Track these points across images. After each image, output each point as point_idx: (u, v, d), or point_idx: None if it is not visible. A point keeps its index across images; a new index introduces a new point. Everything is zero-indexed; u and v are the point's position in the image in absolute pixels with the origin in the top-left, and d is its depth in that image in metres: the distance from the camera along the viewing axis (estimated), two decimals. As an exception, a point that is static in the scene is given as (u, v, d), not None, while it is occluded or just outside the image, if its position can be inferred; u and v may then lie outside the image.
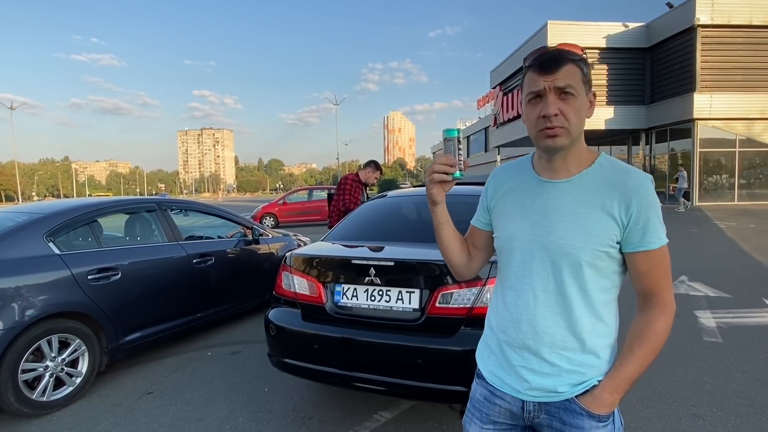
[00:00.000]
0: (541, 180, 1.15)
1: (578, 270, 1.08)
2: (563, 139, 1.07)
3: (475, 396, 1.28)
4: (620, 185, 1.07)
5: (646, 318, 1.10)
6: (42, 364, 3.09)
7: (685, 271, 6.86)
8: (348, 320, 2.54)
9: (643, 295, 1.12)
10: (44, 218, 3.39)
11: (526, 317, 1.14)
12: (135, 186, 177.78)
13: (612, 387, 1.09)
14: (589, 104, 1.10)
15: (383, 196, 3.81)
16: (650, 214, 1.06)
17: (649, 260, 1.08)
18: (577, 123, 1.07)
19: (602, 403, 1.09)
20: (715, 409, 2.90)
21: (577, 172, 1.11)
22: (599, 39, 21.81)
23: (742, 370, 3.46)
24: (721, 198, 20.18)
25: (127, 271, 3.61)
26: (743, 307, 5.02)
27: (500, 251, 1.22)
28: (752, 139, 19.92)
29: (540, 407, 1.15)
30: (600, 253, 1.07)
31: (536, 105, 1.07)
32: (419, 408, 2.98)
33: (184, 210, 4.98)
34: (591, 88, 1.10)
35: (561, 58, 1.05)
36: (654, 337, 1.08)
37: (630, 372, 1.08)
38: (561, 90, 1.04)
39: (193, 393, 3.34)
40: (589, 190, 1.09)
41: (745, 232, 11.01)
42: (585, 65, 1.08)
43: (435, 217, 1.22)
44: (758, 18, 19.11)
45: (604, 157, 1.14)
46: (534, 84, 1.07)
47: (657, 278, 1.09)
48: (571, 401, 1.12)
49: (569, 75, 1.05)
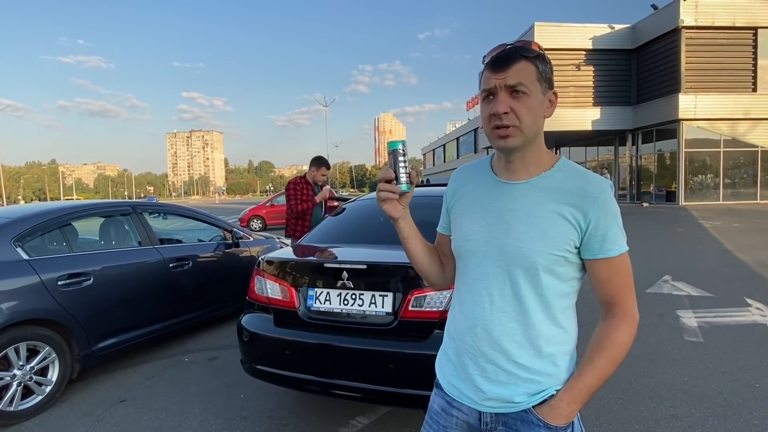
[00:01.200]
0: (499, 181, 1.12)
1: (535, 274, 1.05)
2: (515, 139, 1.03)
3: (432, 407, 1.23)
4: (579, 190, 1.04)
5: (608, 327, 1.06)
6: (9, 373, 3.00)
7: (668, 270, 6.90)
8: (321, 325, 2.48)
9: (605, 304, 1.09)
10: (12, 223, 3.29)
11: (482, 323, 1.10)
12: (123, 189, 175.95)
13: (570, 397, 1.05)
14: (549, 103, 1.07)
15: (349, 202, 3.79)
16: (609, 221, 1.03)
17: (610, 268, 1.04)
18: (531, 122, 1.03)
19: (560, 413, 1.05)
20: (693, 410, 2.89)
21: (537, 174, 1.08)
22: (586, 41, 22.01)
23: (722, 370, 3.46)
24: (706, 197, 20.42)
25: (100, 277, 3.53)
26: (725, 307, 5.04)
27: (457, 254, 1.18)
28: (736, 139, 20.20)
29: (497, 418, 1.11)
30: (557, 257, 1.04)
31: (489, 103, 1.04)
32: (396, 413, 2.94)
33: (161, 213, 4.90)
34: (551, 87, 1.07)
35: (513, 55, 1.01)
36: (615, 348, 1.04)
37: (589, 382, 1.04)
38: (512, 88, 1.01)
39: (167, 400, 3.26)
40: (548, 193, 1.06)
41: (729, 232, 11.12)
42: (542, 62, 1.04)
43: (399, 232, 1.17)
44: (741, 19, 19.41)
45: (564, 160, 1.11)
46: (487, 82, 1.04)
47: (618, 286, 1.06)
48: (528, 412, 1.08)
49: (521, 72, 1.01)
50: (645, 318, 4.70)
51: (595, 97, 22.35)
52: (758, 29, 19.44)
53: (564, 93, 22.16)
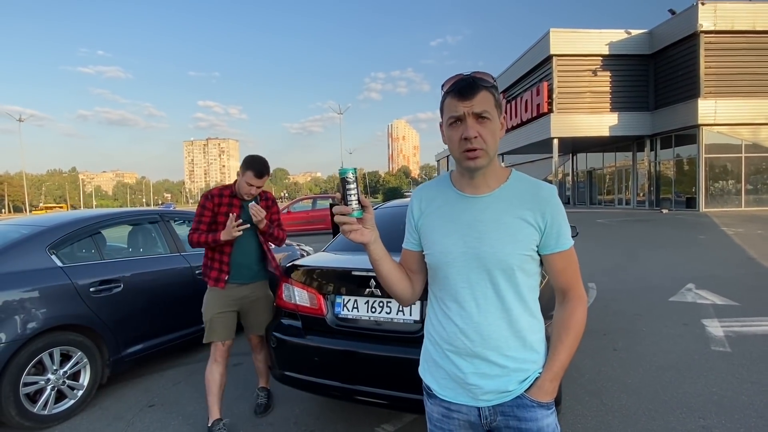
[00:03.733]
0: (464, 196, 1.25)
1: (511, 274, 1.20)
2: (483, 160, 1.17)
3: (432, 416, 1.33)
4: (534, 196, 1.21)
5: (568, 310, 1.25)
6: (43, 377, 3.09)
7: (691, 278, 6.78)
8: (349, 332, 2.52)
9: (561, 291, 1.27)
10: (47, 231, 3.40)
11: (472, 325, 1.22)
12: (141, 196, 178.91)
13: (551, 376, 1.22)
14: (502, 125, 1.22)
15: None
16: (560, 219, 1.21)
17: (564, 259, 1.23)
18: (493, 144, 1.18)
19: (546, 391, 1.22)
20: (724, 421, 2.85)
21: (496, 186, 1.24)
22: (602, 46, 21.85)
23: (751, 381, 3.40)
24: (727, 204, 20.02)
25: (130, 283, 3.61)
26: (752, 316, 4.94)
27: (435, 267, 1.27)
28: (758, 144, 19.81)
29: (495, 410, 1.24)
30: (526, 256, 1.20)
31: (457, 128, 1.17)
32: (421, 421, 2.93)
33: (186, 221, 5.00)
34: (502, 112, 1.22)
35: (477, 85, 1.15)
36: (577, 326, 1.23)
37: (563, 359, 1.22)
38: (478, 115, 1.15)
39: (194, 406, 3.32)
40: (510, 202, 1.21)
41: (752, 239, 10.89)
42: (496, 91, 1.19)
43: (369, 255, 1.23)
44: (761, 23, 19.10)
45: (515, 172, 1.28)
46: (454, 109, 1.16)
47: (571, 274, 1.25)
48: (521, 397, 1.23)
49: (484, 101, 1.15)
50: (669, 327, 4.63)
51: (612, 102, 22.13)
52: (779, 33, 19.11)
53: (580, 98, 22.02)
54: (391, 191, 72.05)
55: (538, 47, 23.20)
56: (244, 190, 2.87)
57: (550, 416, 1.23)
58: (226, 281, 2.87)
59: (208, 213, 2.86)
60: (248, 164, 2.85)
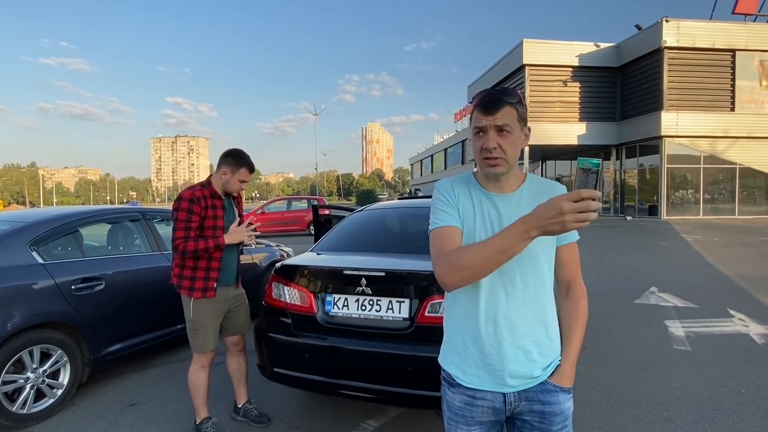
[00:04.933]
0: (491, 195, 1.35)
1: (538, 265, 1.30)
2: (501, 168, 1.29)
3: (453, 404, 1.37)
4: (551, 192, 1.32)
5: (573, 301, 1.38)
6: (23, 376, 3.03)
7: (655, 282, 7.14)
8: (339, 330, 2.59)
9: (566, 282, 1.40)
10: (28, 227, 3.34)
11: (502, 313, 1.29)
12: (105, 193, 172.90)
13: (570, 362, 1.35)
14: (524, 137, 1.32)
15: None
16: None
17: (571, 251, 1.37)
18: (513, 153, 1.29)
19: (567, 377, 1.34)
20: (685, 414, 3.06)
21: (517, 186, 1.36)
22: (572, 57, 22.56)
23: (710, 377, 3.66)
24: (687, 212, 20.99)
25: (111, 281, 3.58)
26: (710, 317, 5.27)
27: None
28: (715, 156, 20.86)
29: (520, 396, 1.32)
30: (549, 247, 1.33)
31: (480, 138, 1.29)
32: (405, 416, 3.05)
33: (165, 219, 4.95)
34: (526, 124, 1.32)
35: (500, 101, 1.25)
36: (583, 315, 1.37)
37: (577, 346, 1.36)
38: (499, 128, 1.25)
39: (177, 404, 3.31)
40: (531, 200, 1.30)
41: (710, 245, 11.50)
42: (521, 106, 1.28)
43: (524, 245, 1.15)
44: (720, 42, 20.15)
45: (530, 174, 1.41)
46: (478, 121, 1.28)
47: (575, 266, 1.39)
48: (545, 383, 1.33)
49: (507, 115, 1.25)
50: (635, 328, 4.89)
51: (581, 112, 22.86)
52: (736, 51, 20.21)
53: (551, 108, 22.65)
54: (365, 194, 71.95)
55: (512, 56, 23.78)
56: (234, 187, 2.79)
57: (569, 400, 1.35)
58: (215, 288, 2.75)
59: (197, 218, 2.67)
60: (240, 160, 2.75)
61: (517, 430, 1.37)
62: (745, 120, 20.30)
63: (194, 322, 2.76)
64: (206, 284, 2.73)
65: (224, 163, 2.77)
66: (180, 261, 2.73)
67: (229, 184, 2.78)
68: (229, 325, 2.95)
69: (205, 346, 2.79)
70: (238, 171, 2.76)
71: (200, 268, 2.72)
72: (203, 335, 2.77)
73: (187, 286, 2.73)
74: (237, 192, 2.86)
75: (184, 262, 2.72)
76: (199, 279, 2.71)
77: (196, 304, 2.74)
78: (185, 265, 2.72)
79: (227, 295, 2.89)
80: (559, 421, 1.33)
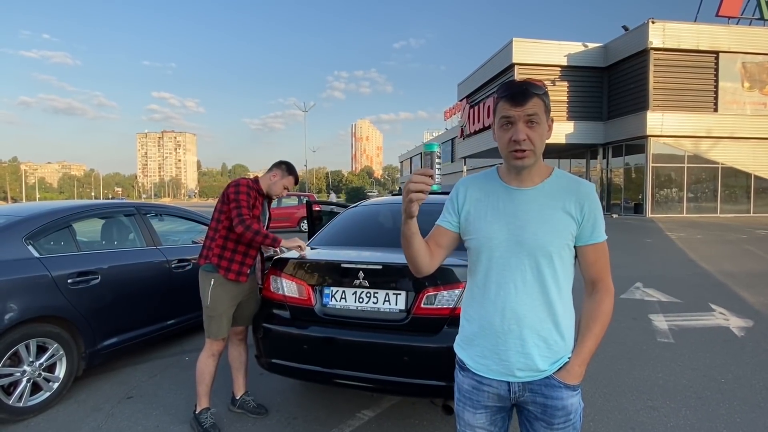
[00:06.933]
0: (510, 188, 1.37)
1: (550, 261, 1.31)
2: (529, 160, 1.31)
3: (462, 387, 1.44)
4: (575, 191, 1.34)
5: (596, 301, 1.36)
6: (19, 369, 3.04)
7: (639, 278, 7.33)
8: (337, 321, 2.66)
9: (591, 282, 1.38)
10: (24, 220, 3.35)
11: (510, 305, 1.32)
12: (90, 189, 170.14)
13: (580, 361, 1.33)
14: (548, 128, 1.34)
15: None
16: (597, 213, 1.34)
17: (597, 251, 1.35)
18: (540, 145, 1.31)
19: (574, 375, 1.33)
20: (668, 402, 3.19)
21: (540, 181, 1.36)
22: (561, 57, 22.83)
23: (692, 368, 3.80)
24: (671, 210, 21.41)
25: (107, 276, 3.60)
26: (692, 311, 5.45)
27: (477, 250, 1.38)
28: (699, 155, 21.29)
29: (524, 387, 1.35)
30: (564, 245, 1.32)
31: (507, 130, 1.30)
32: (401, 406, 3.13)
33: (159, 214, 4.96)
34: (550, 115, 1.34)
35: (529, 92, 1.27)
36: (604, 316, 1.35)
37: (591, 346, 1.33)
38: (529, 119, 1.27)
39: (174, 397, 3.35)
40: (552, 195, 1.34)
41: (693, 243, 11.78)
42: (546, 97, 1.31)
43: (408, 228, 1.30)
44: (704, 44, 20.55)
45: (557, 170, 1.40)
46: (506, 112, 1.29)
47: (602, 266, 1.37)
48: (550, 378, 1.34)
49: (535, 106, 1.27)
50: (620, 321, 5.04)
51: (569, 111, 23.15)
52: (719, 53, 20.63)
53: (539, 107, 22.84)
54: (354, 191, 71.87)
55: (502, 55, 23.96)
56: (278, 191, 3.07)
57: (575, 396, 1.35)
58: (247, 274, 2.91)
59: (252, 202, 2.90)
60: (292, 170, 3.11)
61: (523, 417, 1.42)
62: (727, 121, 20.75)
63: (211, 309, 2.87)
64: (241, 269, 2.88)
65: (277, 168, 3.09)
66: (222, 242, 2.87)
67: (274, 186, 3.05)
68: (238, 314, 3.00)
69: (219, 332, 2.88)
70: (286, 177, 3.07)
71: (239, 252, 2.89)
72: (218, 322, 2.87)
73: (225, 266, 2.85)
74: (277, 196, 3.14)
75: (229, 245, 2.87)
76: (236, 262, 2.88)
77: (219, 286, 2.85)
78: (228, 247, 2.88)
79: (247, 285, 2.97)
80: (561, 416, 1.34)
